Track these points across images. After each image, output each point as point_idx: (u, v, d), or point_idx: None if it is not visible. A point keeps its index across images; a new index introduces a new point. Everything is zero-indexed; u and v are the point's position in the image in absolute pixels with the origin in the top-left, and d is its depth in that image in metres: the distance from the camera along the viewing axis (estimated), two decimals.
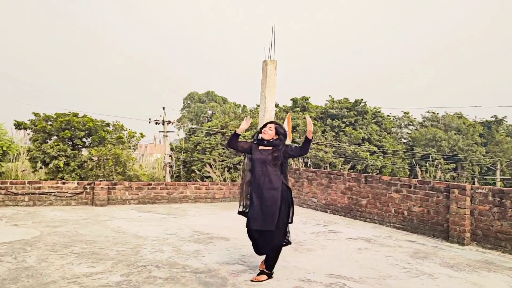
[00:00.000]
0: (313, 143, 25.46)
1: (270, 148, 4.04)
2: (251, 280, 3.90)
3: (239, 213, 4.16)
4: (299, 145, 4.15)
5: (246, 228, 4.01)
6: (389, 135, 31.65)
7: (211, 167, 14.73)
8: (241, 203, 4.15)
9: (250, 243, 4.15)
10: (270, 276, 3.98)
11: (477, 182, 31.95)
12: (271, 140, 4.07)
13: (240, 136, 4.20)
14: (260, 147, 4.09)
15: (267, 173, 3.94)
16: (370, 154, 27.59)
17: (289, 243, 4.16)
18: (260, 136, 4.11)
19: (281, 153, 3.99)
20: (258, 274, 3.99)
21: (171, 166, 20.49)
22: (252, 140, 4.25)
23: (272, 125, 4.12)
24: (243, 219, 4.11)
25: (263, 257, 4.15)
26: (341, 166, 24.61)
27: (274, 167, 3.95)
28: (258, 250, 4.08)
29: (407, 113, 37.34)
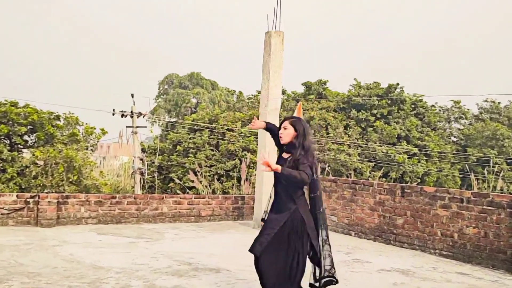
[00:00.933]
0: (333, 142, 25.50)
1: (288, 155, 4.00)
2: None
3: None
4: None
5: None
6: (434, 131, 31.69)
7: (195, 174, 14.75)
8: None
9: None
10: None
11: None
12: (291, 143, 4.00)
13: (270, 130, 4.29)
14: (283, 154, 4.10)
15: (279, 190, 3.99)
16: (408, 157, 27.62)
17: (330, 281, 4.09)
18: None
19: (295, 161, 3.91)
20: None
21: (142, 173, 20.50)
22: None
23: (287, 122, 4.03)
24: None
25: None
26: (370, 173, 24.64)
27: (289, 184, 3.91)
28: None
29: (458, 102, 37.36)
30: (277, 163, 3.98)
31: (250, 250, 4.01)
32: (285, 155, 4.05)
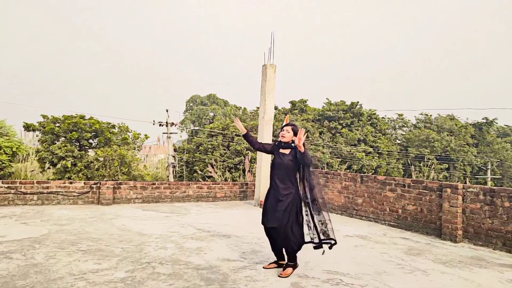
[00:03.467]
0: (311, 144, 25.43)
1: (288, 151, 4.02)
2: (279, 276, 3.90)
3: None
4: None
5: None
6: (384, 136, 31.64)
7: (212, 167, 14.73)
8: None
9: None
10: (294, 267, 4.01)
11: (469, 181, 31.93)
12: (290, 142, 4.06)
13: (249, 133, 4.28)
14: (281, 150, 4.08)
15: (283, 177, 3.94)
16: (365, 155, 27.58)
17: (319, 243, 3.96)
18: (279, 139, 4.14)
19: (294, 156, 3.95)
20: (284, 268, 3.98)
21: (174, 166, 20.48)
22: (274, 141, 4.28)
23: (289, 127, 4.08)
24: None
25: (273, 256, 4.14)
26: (338, 166, 24.60)
27: (291, 172, 3.94)
28: (271, 245, 4.12)
29: (401, 115, 37.36)
30: (280, 157, 4.02)
31: (267, 223, 3.89)
32: (285, 151, 4.05)
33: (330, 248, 3.97)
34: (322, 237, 3.94)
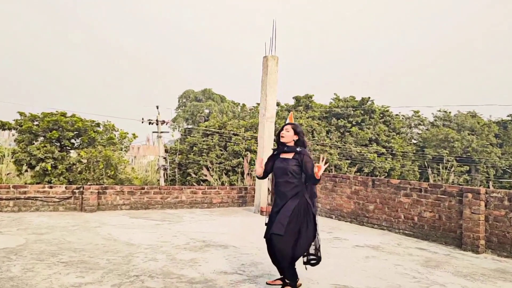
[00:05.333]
0: (317, 144, 25.46)
1: (291, 155, 3.95)
2: None
3: (266, 224, 4.09)
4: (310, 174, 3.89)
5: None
6: (398, 135, 31.67)
7: (208, 170, 14.74)
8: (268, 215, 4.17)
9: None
10: (294, 286, 3.91)
11: (492, 185, 31.93)
12: (292, 143, 3.98)
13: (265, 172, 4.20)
14: (282, 155, 4.01)
15: (287, 183, 3.88)
16: (377, 156, 27.60)
17: (315, 259, 4.03)
18: (280, 140, 4.05)
19: (300, 162, 3.88)
20: (283, 287, 3.92)
21: (165, 169, 20.50)
22: (273, 151, 4.19)
23: (289, 126, 4.02)
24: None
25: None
26: (347, 168, 24.63)
27: (298, 176, 3.88)
28: (275, 263, 4.01)
29: (417, 112, 37.37)
30: (282, 162, 3.97)
31: (272, 232, 3.81)
32: (287, 155, 3.97)
33: (313, 265, 4.05)
34: (312, 252, 4.01)
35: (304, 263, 4.07)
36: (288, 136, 3.97)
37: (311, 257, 4.05)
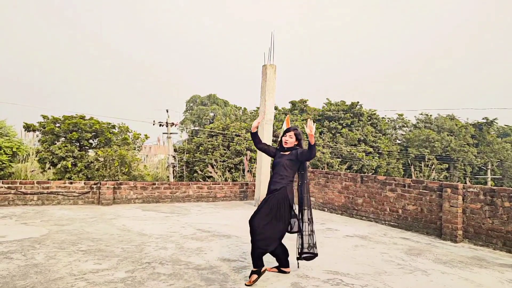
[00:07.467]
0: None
1: (288, 152, 4.05)
2: (246, 284, 3.70)
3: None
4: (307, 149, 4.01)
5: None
6: (384, 136, 31.64)
7: (212, 167, 14.73)
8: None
9: (249, 240, 4.12)
10: (258, 273, 3.77)
11: (469, 181, 31.91)
12: (293, 147, 4.07)
13: (254, 135, 4.24)
14: (281, 152, 4.10)
15: (280, 175, 3.92)
16: (365, 155, 27.58)
17: (310, 256, 4.01)
18: (283, 145, 4.10)
19: (294, 156, 3.96)
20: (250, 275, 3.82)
21: (174, 167, 20.49)
22: (277, 147, 4.25)
23: (292, 133, 4.07)
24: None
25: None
26: (338, 166, 24.60)
27: (289, 169, 3.93)
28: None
29: (401, 115, 37.35)
30: (279, 157, 4.04)
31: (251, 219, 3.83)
32: (285, 152, 4.05)
33: (307, 260, 4.05)
34: (305, 250, 3.97)
35: (297, 258, 4.04)
36: (291, 142, 4.06)
37: (305, 255, 4.00)
